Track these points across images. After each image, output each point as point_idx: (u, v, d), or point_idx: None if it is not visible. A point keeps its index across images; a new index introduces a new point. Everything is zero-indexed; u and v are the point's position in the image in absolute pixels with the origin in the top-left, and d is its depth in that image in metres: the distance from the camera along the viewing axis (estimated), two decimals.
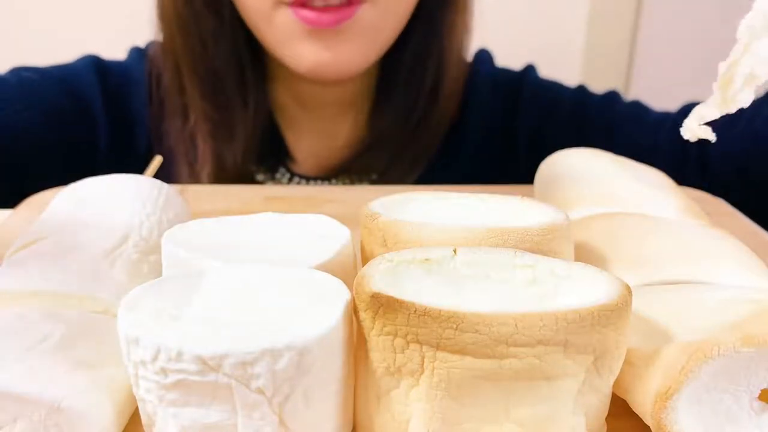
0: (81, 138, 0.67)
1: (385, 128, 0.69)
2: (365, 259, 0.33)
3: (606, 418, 0.27)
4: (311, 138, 0.72)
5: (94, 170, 0.43)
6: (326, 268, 0.29)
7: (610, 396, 0.26)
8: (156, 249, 0.35)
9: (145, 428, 0.25)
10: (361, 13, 0.58)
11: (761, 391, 0.25)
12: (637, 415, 0.27)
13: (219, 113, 0.65)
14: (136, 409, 0.28)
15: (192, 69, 0.65)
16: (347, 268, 0.31)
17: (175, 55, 0.65)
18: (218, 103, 0.65)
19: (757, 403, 0.25)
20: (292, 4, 0.57)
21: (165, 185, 0.41)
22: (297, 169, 0.71)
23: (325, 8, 0.57)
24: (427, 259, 0.27)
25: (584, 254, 0.35)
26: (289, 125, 0.72)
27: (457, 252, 0.27)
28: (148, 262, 0.35)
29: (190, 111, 0.66)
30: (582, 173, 0.44)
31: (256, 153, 0.68)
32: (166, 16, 0.64)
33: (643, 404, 0.26)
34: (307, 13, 0.57)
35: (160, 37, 0.66)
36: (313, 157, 0.72)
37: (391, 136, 0.69)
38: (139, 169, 0.49)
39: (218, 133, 0.66)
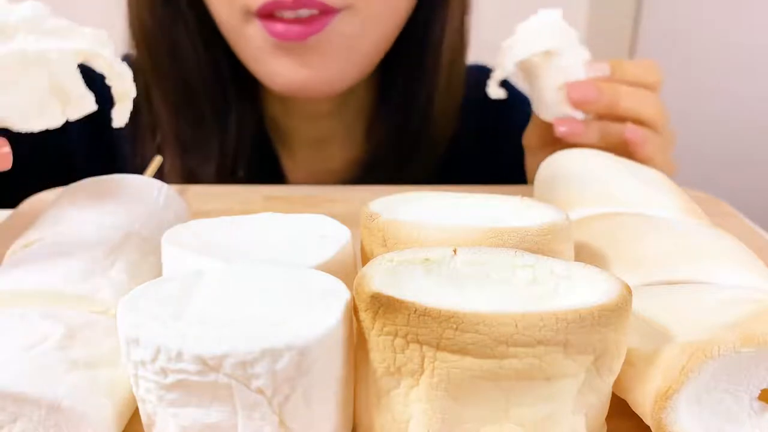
0: (57, 153, 0.64)
1: (378, 149, 0.66)
2: (365, 259, 0.33)
3: (606, 418, 0.27)
4: (305, 157, 0.69)
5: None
6: (326, 268, 0.29)
7: (610, 396, 0.26)
8: (156, 249, 0.35)
9: (145, 428, 0.25)
10: (337, 23, 0.54)
11: (761, 391, 0.25)
12: (637, 415, 0.27)
13: (190, 129, 0.61)
14: (136, 409, 0.28)
15: (160, 82, 0.61)
16: (347, 268, 0.31)
17: (143, 68, 0.61)
18: (189, 119, 0.61)
19: (757, 403, 0.25)
20: (260, 16, 0.53)
21: (165, 185, 0.41)
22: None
23: (296, 20, 0.52)
24: (427, 259, 0.27)
25: (584, 254, 0.35)
26: (281, 141, 0.68)
27: (457, 252, 0.27)
28: (148, 262, 0.35)
29: (158, 127, 0.62)
30: (582, 173, 0.44)
31: (236, 172, 0.63)
32: (137, 28, 0.61)
33: (643, 404, 0.26)
34: (275, 25, 0.52)
35: (133, 50, 0.63)
36: (307, 178, 0.69)
37: (384, 158, 0.66)
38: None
39: (187, 150, 0.62)
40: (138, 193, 0.39)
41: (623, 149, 0.51)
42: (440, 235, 0.30)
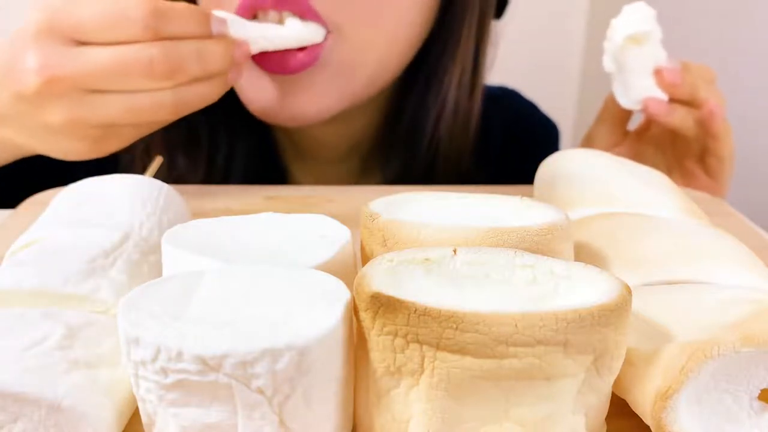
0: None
1: (387, 181, 0.64)
2: (365, 259, 0.33)
3: (606, 418, 0.27)
4: (306, 173, 0.68)
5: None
6: (326, 268, 0.29)
7: (610, 396, 0.26)
8: (156, 249, 0.35)
9: (145, 428, 0.25)
10: (327, 51, 0.51)
11: (761, 391, 0.25)
12: (637, 415, 0.27)
13: (177, 128, 0.56)
14: (136, 409, 0.28)
15: None
16: (347, 268, 0.31)
17: None
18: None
19: (757, 403, 0.25)
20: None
21: (165, 185, 0.41)
22: None
23: (284, 52, 0.49)
24: (427, 259, 0.27)
25: (584, 254, 0.35)
26: (289, 172, 0.67)
27: (457, 252, 0.27)
28: (148, 262, 0.35)
29: None
30: (582, 173, 0.44)
31: (228, 180, 0.60)
32: None
33: (643, 404, 0.26)
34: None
35: None
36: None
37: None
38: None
39: (174, 151, 0.59)
40: (138, 193, 0.39)
41: (692, 132, 0.58)
42: (440, 235, 0.30)
